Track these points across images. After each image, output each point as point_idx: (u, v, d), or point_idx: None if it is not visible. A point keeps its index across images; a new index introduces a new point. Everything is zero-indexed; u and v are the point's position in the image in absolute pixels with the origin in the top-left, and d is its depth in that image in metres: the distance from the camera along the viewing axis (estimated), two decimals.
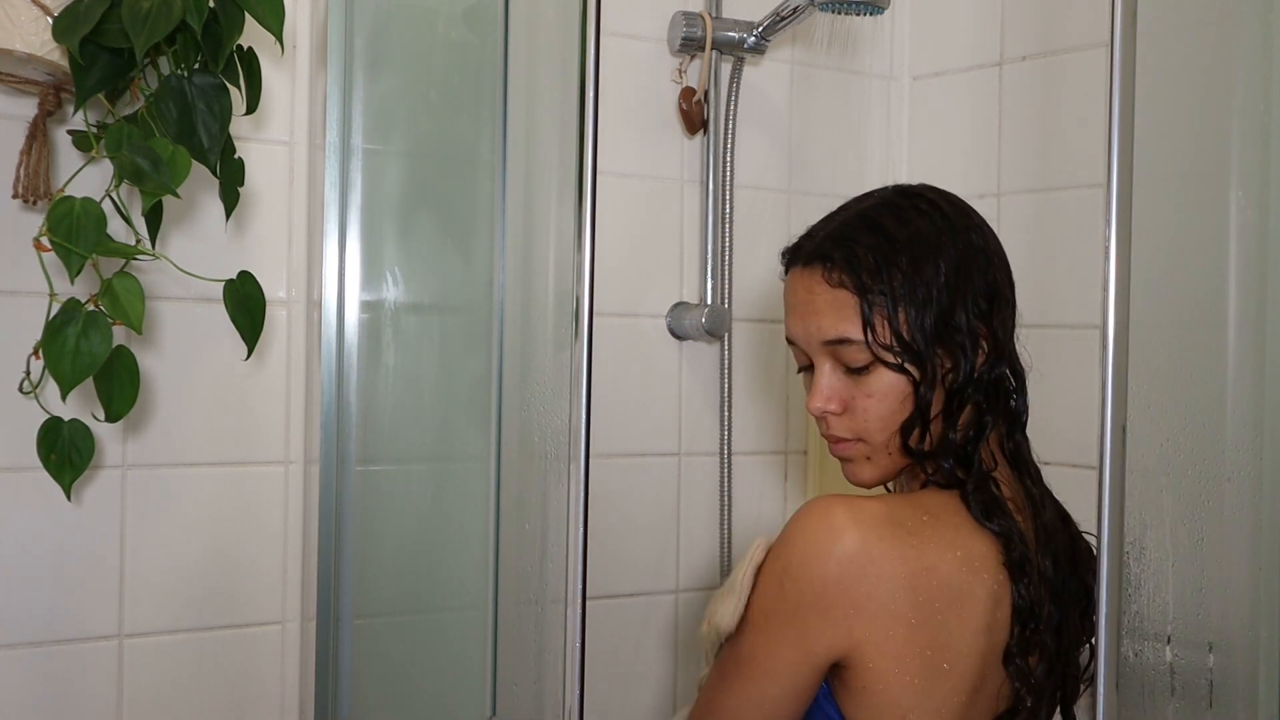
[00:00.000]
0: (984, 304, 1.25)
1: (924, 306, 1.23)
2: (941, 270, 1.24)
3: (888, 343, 1.23)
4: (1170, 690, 1.03)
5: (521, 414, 1.28)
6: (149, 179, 1.26)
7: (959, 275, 1.24)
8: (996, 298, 1.26)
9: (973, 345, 1.25)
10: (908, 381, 1.24)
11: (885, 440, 1.27)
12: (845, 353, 1.25)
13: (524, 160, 1.32)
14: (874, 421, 1.26)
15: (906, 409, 1.25)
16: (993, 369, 1.26)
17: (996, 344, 1.25)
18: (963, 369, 1.24)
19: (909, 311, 1.23)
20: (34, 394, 1.38)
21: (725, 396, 1.90)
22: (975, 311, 1.24)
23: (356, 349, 1.42)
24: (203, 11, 1.28)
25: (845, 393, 1.26)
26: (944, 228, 1.25)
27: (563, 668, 1.08)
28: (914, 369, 1.23)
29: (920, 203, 1.27)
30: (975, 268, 1.25)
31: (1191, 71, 1.06)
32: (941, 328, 1.23)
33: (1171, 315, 1.03)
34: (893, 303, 1.22)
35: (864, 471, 1.30)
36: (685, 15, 1.84)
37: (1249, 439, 1.05)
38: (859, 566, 1.17)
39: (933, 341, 1.23)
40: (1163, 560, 1.03)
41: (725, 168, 1.88)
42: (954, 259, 1.24)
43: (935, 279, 1.23)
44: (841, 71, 2.03)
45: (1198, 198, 1.07)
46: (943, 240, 1.25)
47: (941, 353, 1.24)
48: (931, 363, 1.23)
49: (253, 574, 1.60)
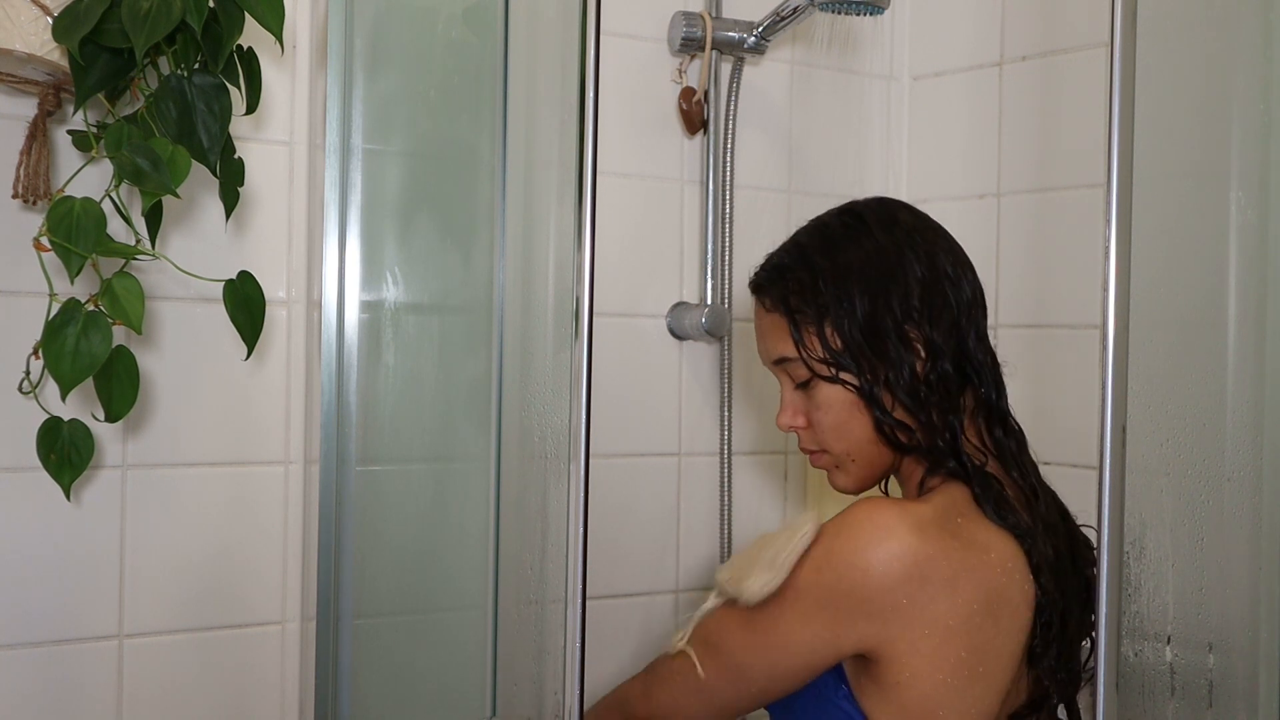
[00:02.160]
0: (914, 306, 1.29)
1: (848, 318, 1.30)
2: (863, 284, 1.30)
3: (820, 356, 1.31)
4: (1170, 690, 1.03)
5: (521, 414, 1.28)
6: (149, 179, 1.26)
7: (881, 285, 1.29)
8: (931, 299, 1.29)
9: (905, 348, 1.29)
10: (848, 391, 1.31)
11: (845, 449, 1.34)
12: (791, 370, 1.35)
13: (524, 160, 1.32)
14: (828, 433, 1.34)
15: (857, 417, 1.31)
16: (935, 367, 1.29)
17: (932, 344, 1.29)
18: (901, 371, 1.28)
19: (835, 325, 1.30)
20: (34, 394, 1.38)
21: (725, 396, 1.90)
22: (904, 315, 1.29)
23: (356, 349, 1.42)
24: (203, 11, 1.28)
25: (805, 408, 1.36)
26: (869, 246, 1.31)
27: (563, 668, 1.08)
28: (849, 378, 1.30)
29: (853, 222, 1.35)
30: (903, 277, 1.30)
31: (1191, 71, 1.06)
32: (868, 335, 1.29)
33: (1171, 315, 1.04)
34: (818, 318, 1.31)
35: (839, 480, 1.38)
36: (685, 15, 1.84)
37: (1249, 439, 1.05)
38: (903, 566, 1.20)
39: (861, 349, 1.29)
40: (1163, 560, 1.03)
41: (725, 168, 1.88)
42: (877, 272, 1.30)
43: (857, 292, 1.30)
44: (841, 71, 2.03)
45: (1198, 198, 1.07)
46: (862, 252, 1.31)
47: (874, 359, 1.29)
48: (868, 370, 1.29)
49: (253, 574, 1.60)
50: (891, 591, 1.20)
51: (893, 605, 1.20)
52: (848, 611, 1.22)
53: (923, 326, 1.29)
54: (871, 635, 1.22)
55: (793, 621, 1.24)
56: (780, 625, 1.25)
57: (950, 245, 1.34)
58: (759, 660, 1.27)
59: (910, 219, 1.35)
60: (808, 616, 1.23)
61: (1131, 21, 0.97)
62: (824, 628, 1.23)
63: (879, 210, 1.36)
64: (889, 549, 1.20)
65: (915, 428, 1.30)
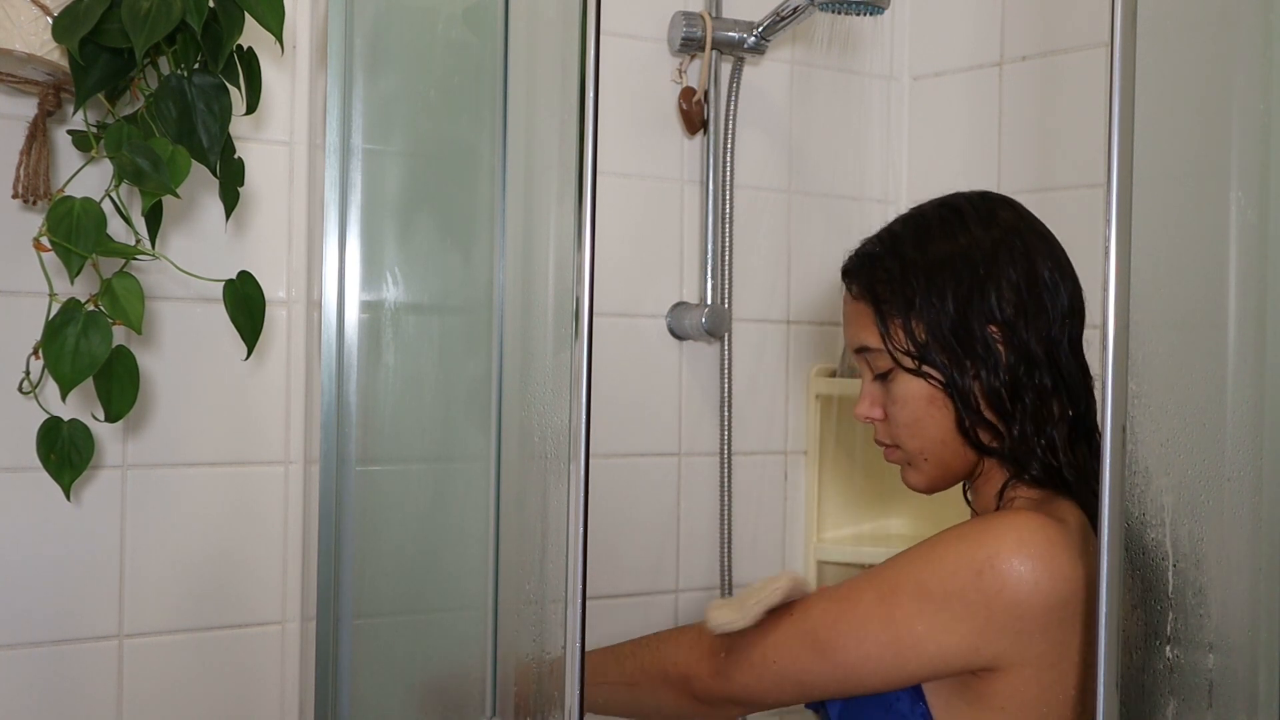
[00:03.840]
0: (1008, 313, 1.25)
1: (938, 313, 1.26)
2: (955, 280, 1.26)
3: (904, 348, 1.27)
4: (1170, 690, 1.03)
5: (521, 414, 1.28)
6: (149, 179, 1.26)
7: (975, 285, 1.26)
8: (1022, 310, 1.25)
9: (998, 350, 1.25)
10: (929, 386, 1.27)
11: (918, 447, 1.30)
12: (872, 360, 1.31)
13: (524, 160, 1.32)
14: (903, 429, 1.30)
15: (934, 415, 1.28)
16: (1025, 371, 1.25)
17: (1019, 348, 1.25)
18: (989, 372, 1.25)
19: (922, 318, 1.27)
20: (34, 394, 1.38)
21: (725, 396, 1.90)
22: (992, 317, 1.25)
23: (356, 349, 1.42)
24: (203, 11, 1.28)
25: (882, 400, 1.32)
26: (963, 243, 1.28)
27: (563, 668, 1.08)
28: (933, 372, 1.26)
29: (950, 216, 1.31)
30: (997, 280, 1.26)
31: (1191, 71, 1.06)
32: (959, 332, 1.25)
33: (1171, 315, 1.03)
34: (905, 311, 1.27)
35: (911, 477, 1.34)
36: (685, 15, 1.84)
37: (1249, 439, 1.05)
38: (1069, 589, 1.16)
39: (948, 345, 1.26)
40: (1163, 560, 1.03)
41: (725, 168, 1.88)
42: (971, 271, 1.26)
43: (948, 288, 1.26)
44: (841, 71, 2.03)
45: (1198, 198, 1.07)
46: (959, 254, 1.27)
47: (961, 356, 1.25)
48: (955, 366, 1.25)
49: (253, 574, 1.60)
50: (1051, 611, 1.15)
51: (1042, 627, 1.16)
52: (1000, 624, 1.16)
53: (1016, 329, 1.25)
54: (1008, 653, 1.17)
55: (937, 622, 1.18)
56: (918, 627, 1.18)
57: (1052, 248, 1.30)
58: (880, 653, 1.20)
59: (1011, 217, 1.30)
60: (956, 620, 1.17)
61: (1131, 21, 0.97)
62: (963, 637, 1.17)
63: (979, 205, 1.31)
64: (1059, 568, 1.15)
65: (1003, 431, 1.26)
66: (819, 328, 2.01)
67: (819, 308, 2.00)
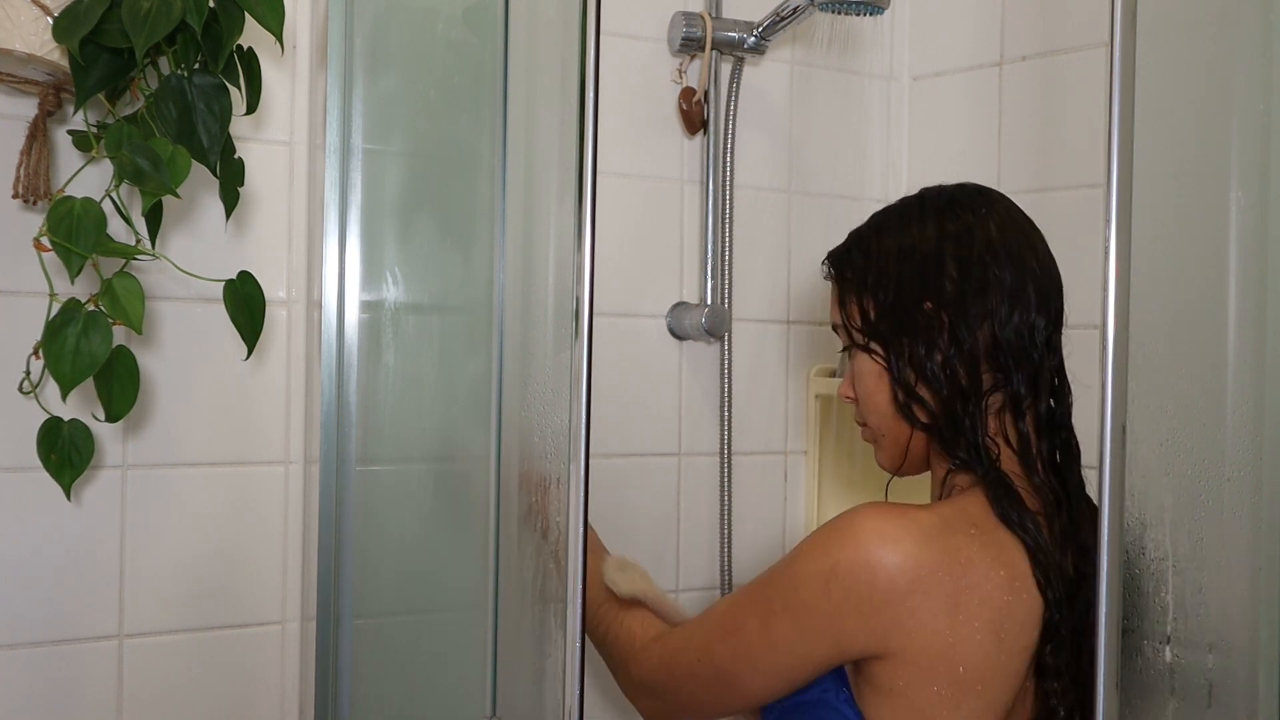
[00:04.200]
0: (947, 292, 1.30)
1: (884, 293, 1.33)
2: (904, 264, 1.32)
3: (857, 325, 1.35)
4: (1170, 690, 1.03)
5: (521, 414, 1.28)
6: (149, 179, 1.26)
7: (920, 269, 1.31)
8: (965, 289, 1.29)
9: (933, 329, 1.30)
10: (875, 363, 1.34)
11: (878, 424, 1.37)
12: (839, 338, 1.40)
13: (524, 160, 1.32)
14: (862, 404, 1.38)
15: (882, 390, 1.34)
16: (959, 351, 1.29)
17: (956, 331, 1.29)
18: (925, 348, 1.30)
19: (872, 297, 1.34)
20: (34, 394, 1.38)
21: (725, 396, 1.90)
22: (933, 298, 1.30)
23: (356, 349, 1.42)
24: (203, 11, 1.28)
25: None
26: (916, 232, 1.34)
27: (563, 668, 1.08)
28: (877, 348, 1.33)
29: (910, 211, 1.37)
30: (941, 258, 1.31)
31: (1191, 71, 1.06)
32: (900, 309, 1.31)
33: (1171, 315, 1.03)
34: (859, 289, 1.35)
35: (878, 456, 1.40)
36: (685, 15, 1.84)
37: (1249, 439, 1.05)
38: (907, 580, 1.20)
39: (890, 324, 1.32)
40: (1163, 560, 1.03)
41: (725, 168, 1.88)
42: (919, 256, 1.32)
43: (897, 271, 1.32)
44: (841, 71, 2.03)
45: (1198, 198, 1.07)
46: (910, 242, 1.33)
47: (901, 335, 1.31)
48: (895, 343, 1.32)
49: (253, 574, 1.60)
50: (894, 604, 1.20)
51: (895, 618, 1.20)
52: (854, 626, 1.22)
53: (951, 310, 1.29)
54: (875, 645, 1.22)
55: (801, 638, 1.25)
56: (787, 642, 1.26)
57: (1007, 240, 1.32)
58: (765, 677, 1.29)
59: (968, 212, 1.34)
60: (817, 634, 1.24)
61: (1131, 21, 0.97)
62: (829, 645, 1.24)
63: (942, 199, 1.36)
64: (894, 560, 1.20)
65: (935, 407, 1.30)
66: (819, 328, 2.01)
67: (819, 308, 2.00)
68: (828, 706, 1.27)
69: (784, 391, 1.98)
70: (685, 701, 1.35)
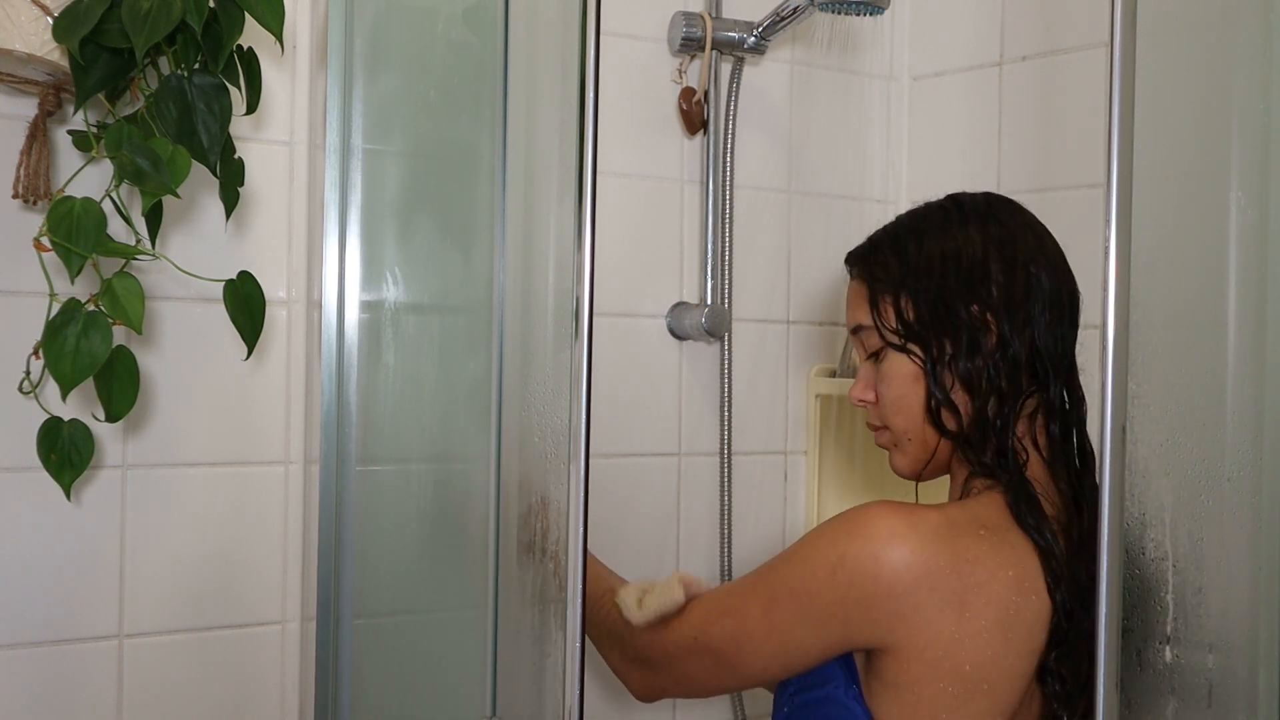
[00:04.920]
0: (995, 297, 1.29)
1: (926, 293, 1.30)
2: (948, 265, 1.30)
3: (892, 325, 1.32)
4: (1170, 690, 1.03)
5: (521, 414, 1.28)
6: (149, 179, 1.26)
7: (966, 271, 1.30)
8: (1011, 295, 1.29)
9: (978, 333, 1.28)
10: (913, 364, 1.31)
11: (902, 426, 1.34)
12: (865, 340, 1.36)
13: (524, 160, 1.32)
14: (889, 407, 1.34)
15: (917, 393, 1.31)
16: (1003, 355, 1.28)
17: (1003, 336, 1.29)
18: (966, 352, 1.28)
19: (912, 298, 1.31)
20: (34, 394, 1.38)
21: (725, 396, 1.90)
22: (979, 302, 1.29)
23: (356, 349, 1.42)
24: (203, 11, 1.28)
25: (875, 382, 1.36)
26: (958, 235, 1.32)
27: (563, 668, 1.08)
28: (917, 349, 1.30)
29: (951, 214, 1.35)
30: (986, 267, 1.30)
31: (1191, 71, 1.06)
32: (942, 312, 1.29)
33: (1171, 315, 1.03)
34: (896, 290, 1.32)
35: (897, 461, 1.37)
36: (685, 15, 1.84)
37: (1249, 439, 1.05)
38: (913, 576, 1.20)
39: (933, 325, 1.30)
40: (1163, 560, 1.03)
41: (725, 168, 1.88)
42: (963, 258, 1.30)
43: (940, 271, 1.30)
44: (841, 71, 2.03)
45: (1198, 198, 1.07)
46: (953, 245, 1.31)
47: (944, 337, 1.29)
48: (936, 344, 1.29)
49: (253, 574, 1.60)
50: (899, 599, 1.20)
51: (898, 613, 1.20)
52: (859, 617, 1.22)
53: (1000, 319, 1.29)
54: (880, 638, 1.22)
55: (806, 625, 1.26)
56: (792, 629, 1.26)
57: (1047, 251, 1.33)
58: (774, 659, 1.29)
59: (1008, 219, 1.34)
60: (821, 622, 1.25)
61: (1131, 21, 0.97)
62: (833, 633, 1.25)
63: (979, 204, 1.36)
64: (900, 556, 1.20)
65: (965, 414, 1.29)
66: (819, 328, 2.01)
67: (819, 308, 2.00)
68: (836, 703, 1.27)
69: (784, 391, 1.98)
70: (679, 678, 1.35)
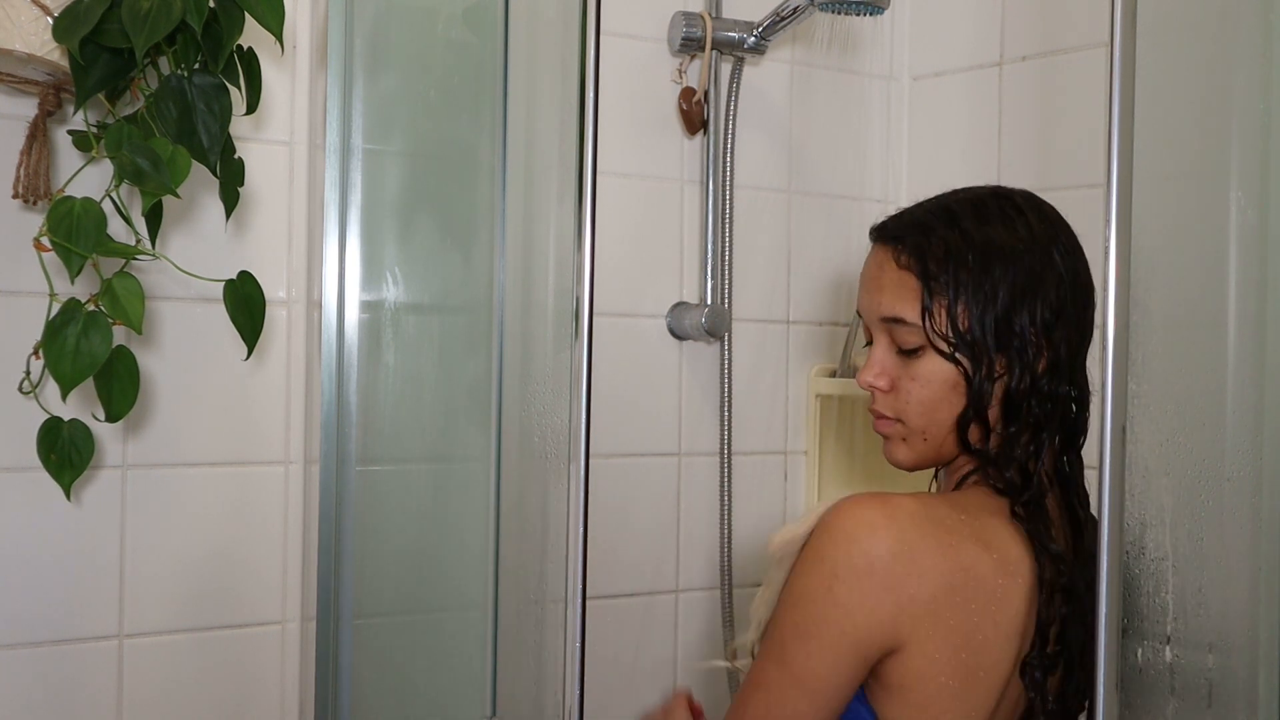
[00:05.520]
0: (1049, 317, 1.25)
1: (985, 305, 1.24)
2: (1010, 275, 1.25)
3: (943, 331, 1.25)
4: (1170, 690, 1.03)
5: (521, 414, 1.28)
6: (149, 179, 1.26)
7: (1027, 283, 1.25)
8: (1062, 316, 1.25)
9: (1032, 353, 1.25)
10: (957, 373, 1.26)
11: (922, 426, 1.29)
12: (900, 333, 1.28)
13: (524, 160, 1.32)
14: (914, 405, 1.28)
15: (951, 400, 1.27)
16: (1052, 381, 1.25)
17: (1056, 358, 1.25)
18: (1018, 374, 1.24)
19: (969, 306, 1.25)
20: (34, 394, 1.38)
21: (725, 396, 1.90)
22: (1037, 322, 1.25)
23: (356, 349, 1.42)
24: (203, 11, 1.28)
25: (894, 372, 1.29)
26: (1023, 235, 1.26)
27: (563, 668, 1.08)
28: (966, 361, 1.25)
29: (1007, 206, 1.29)
30: (1047, 281, 1.25)
31: (1191, 71, 1.06)
32: (1001, 329, 1.24)
33: (1171, 315, 1.03)
34: (954, 294, 1.25)
35: (898, 452, 1.33)
36: (685, 15, 1.84)
37: (1249, 439, 1.05)
38: (903, 564, 1.18)
39: (989, 340, 1.24)
40: (1163, 560, 1.03)
41: (725, 168, 1.88)
42: (1025, 267, 1.25)
43: (1001, 281, 1.25)
44: (841, 71, 2.03)
45: (1198, 198, 1.07)
46: (1017, 246, 1.26)
47: (998, 353, 1.25)
48: (987, 360, 1.24)
49: (253, 574, 1.60)
50: (896, 590, 1.18)
51: (898, 605, 1.18)
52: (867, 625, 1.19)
53: (1053, 334, 1.25)
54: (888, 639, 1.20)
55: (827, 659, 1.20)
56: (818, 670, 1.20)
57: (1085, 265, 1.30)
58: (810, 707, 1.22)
59: (1056, 216, 1.30)
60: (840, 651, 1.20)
61: (1131, 21, 0.97)
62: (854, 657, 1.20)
63: (1030, 197, 1.31)
64: (886, 547, 1.18)
65: (997, 433, 1.26)
66: (819, 328, 2.01)
67: (819, 308, 2.00)
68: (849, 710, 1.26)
69: (784, 391, 1.98)
70: None
